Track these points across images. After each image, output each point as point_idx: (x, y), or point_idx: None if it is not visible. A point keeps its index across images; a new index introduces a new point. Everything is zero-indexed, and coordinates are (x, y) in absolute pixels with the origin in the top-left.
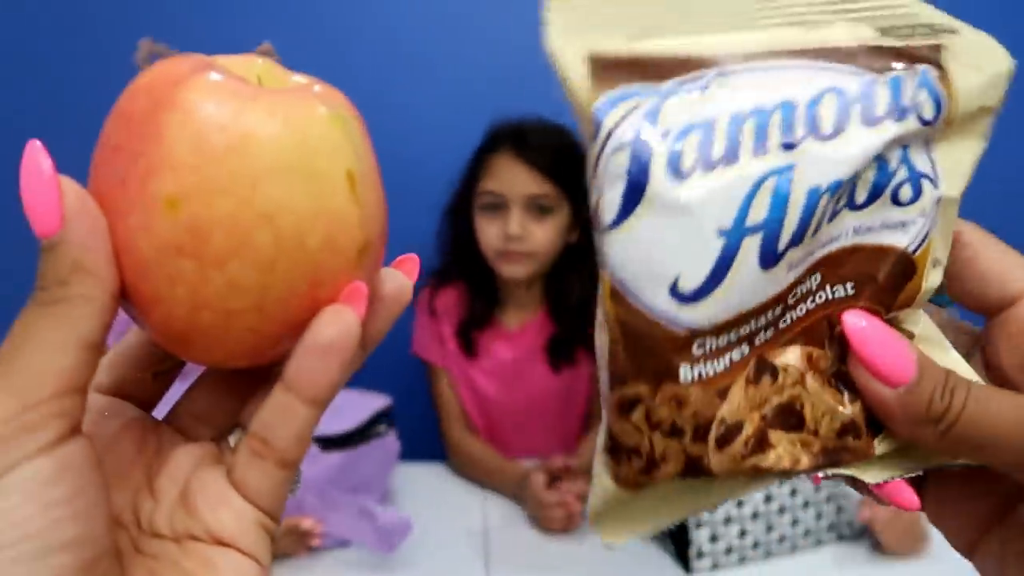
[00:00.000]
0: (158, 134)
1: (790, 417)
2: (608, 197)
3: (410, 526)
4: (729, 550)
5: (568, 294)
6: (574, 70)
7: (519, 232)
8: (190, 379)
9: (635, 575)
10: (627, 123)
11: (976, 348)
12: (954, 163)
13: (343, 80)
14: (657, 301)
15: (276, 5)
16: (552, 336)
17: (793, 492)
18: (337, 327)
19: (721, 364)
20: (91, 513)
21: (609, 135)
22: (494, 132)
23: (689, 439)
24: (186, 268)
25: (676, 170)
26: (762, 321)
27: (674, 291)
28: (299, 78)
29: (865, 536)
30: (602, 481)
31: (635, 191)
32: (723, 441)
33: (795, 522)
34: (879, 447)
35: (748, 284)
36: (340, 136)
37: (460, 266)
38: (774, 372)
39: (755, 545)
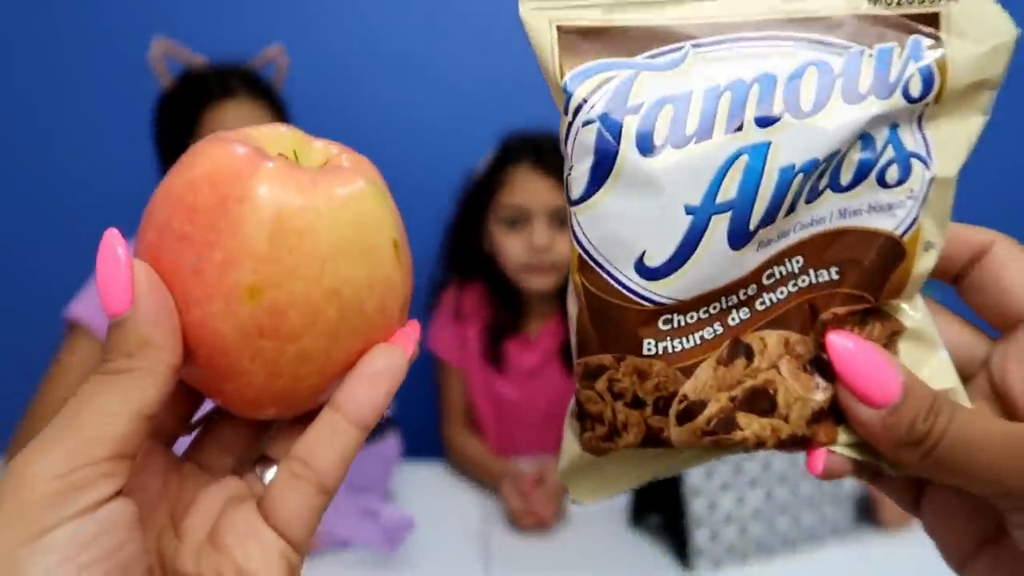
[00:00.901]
0: (232, 226)
1: (762, 401)
2: (577, 171)
3: (412, 523)
4: (730, 549)
5: None
6: (545, 42)
7: (546, 243)
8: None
9: (635, 574)
10: (597, 96)
11: (982, 367)
12: (949, 140)
13: (348, 83)
14: (623, 275)
15: (282, 6)
16: (566, 343)
17: (795, 492)
18: (387, 359)
19: (690, 341)
20: (127, 571)
21: (579, 108)
22: (508, 145)
23: (650, 411)
24: (266, 346)
25: (646, 144)
26: (733, 300)
27: (640, 266)
28: (322, 145)
29: (868, 529)
30: (570, 444)
31: (604, 164)
32: (684, 417)
33: (796, 521)
34: (842, 436)
35: (716, 262)
36: (383, 209)
37: (478, 277)
38: (749, 354)
39: (756, 544)
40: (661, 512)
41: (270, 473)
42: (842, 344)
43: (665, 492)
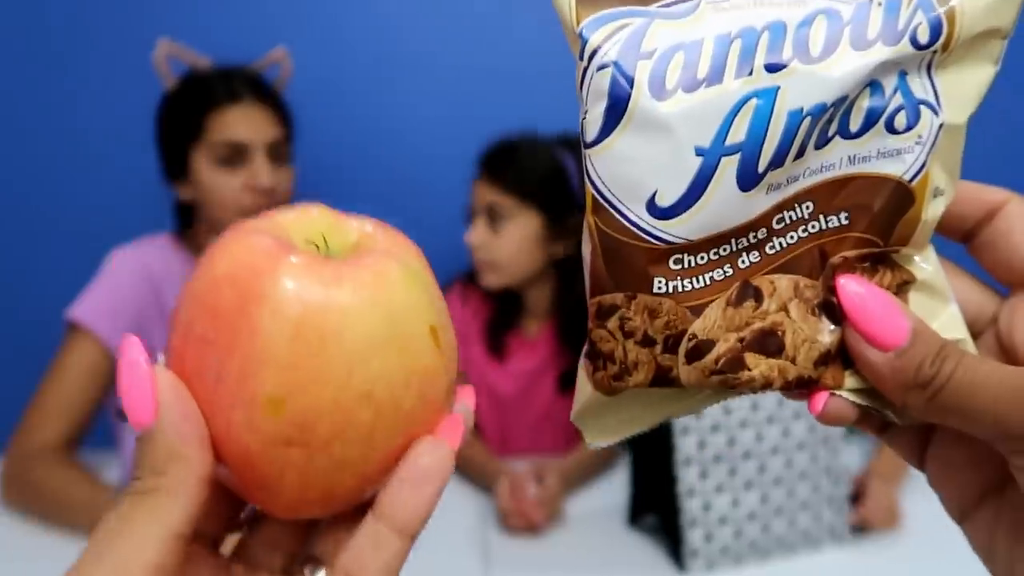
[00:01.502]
0: (251, 330)
1: (770, 342)
2: (591, 114)
3: None
4: (724, 550)
5: (577, 315)
6: None
7: (474, 241)
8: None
9: (631, 574)
10: (612, 42)
11: (990, 324)
12: (958, 88)
13: (351, 85)
14: (634, 215)
15: (286, 8)
16: (566, 366)
17: (791, 494)
18: (432, 456)
19: (700, 281)
20: None
21: (594, 54)
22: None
23: (660, 350)
24: (294, 457)
25: (658, 88)
26: (743, 243)
27: (651, 206)
28: (356, 224)
29: (862, 537)
30: (583, 385)
31: (617, 108)
32: (693, 356)
33: (792, 524)
34: (848, 381)
35: (726, 203)
36: (419, 294)
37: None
38: (758, 296)
39: (751, 546)
40: (657, 513)
41: None
42: (852, 287)
43: (661, 492)
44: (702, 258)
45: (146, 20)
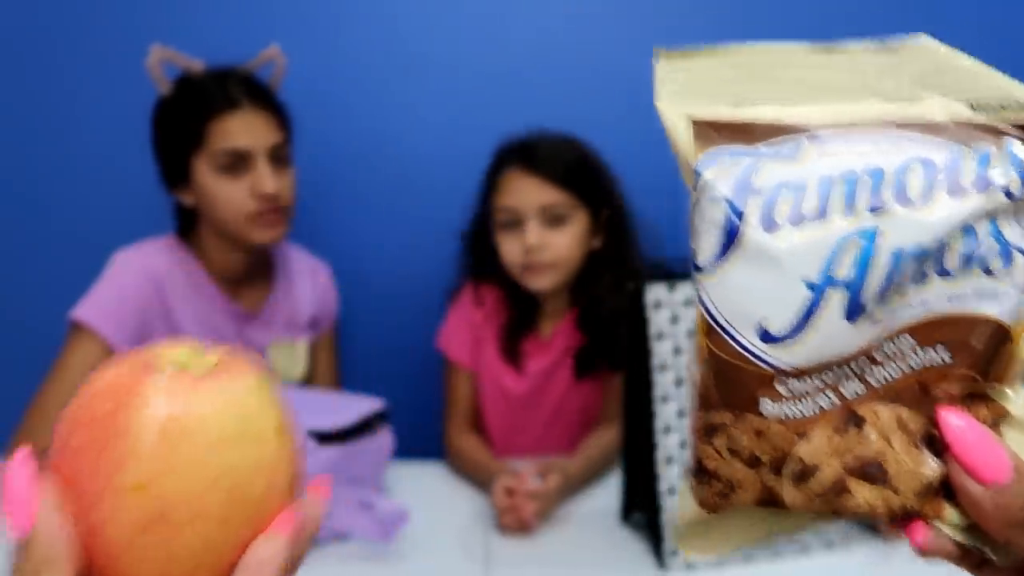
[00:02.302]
0: (122, 431)
1: (874, 471)
2: (704, 243)
3: (407, 515)
4: None
5: (597, 304)
6: (679, 130)
7: (537, 243)
8: None
9: (617, 572)
10: (725, 178)
11: None
12: None
13: (351, 84)
14: (747, 341)
15: (280, 6)
16: (580, 348)
17: None
18: (268, 549)
19: (808, 408)
20: None
21: (708, 187)
22: (501, 150)
23: (766, 471)
24: (156, 540)
25: (768, 222)
26: (847, 372)
27: (762, 333)
28: (216, 350)
29: (859, 539)
30: (685, 500)
31: (729, 239)
32: (799, 478)
33: None
34: (950, 515)
35: (833, 333)
36: (266, 400)
37: (492, 279)
38: (862, 425)
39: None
40: (643, 511)
41: None
42: (955, 421)
43: (647, 490)
44: (808, 384)
45: (146, 20)
